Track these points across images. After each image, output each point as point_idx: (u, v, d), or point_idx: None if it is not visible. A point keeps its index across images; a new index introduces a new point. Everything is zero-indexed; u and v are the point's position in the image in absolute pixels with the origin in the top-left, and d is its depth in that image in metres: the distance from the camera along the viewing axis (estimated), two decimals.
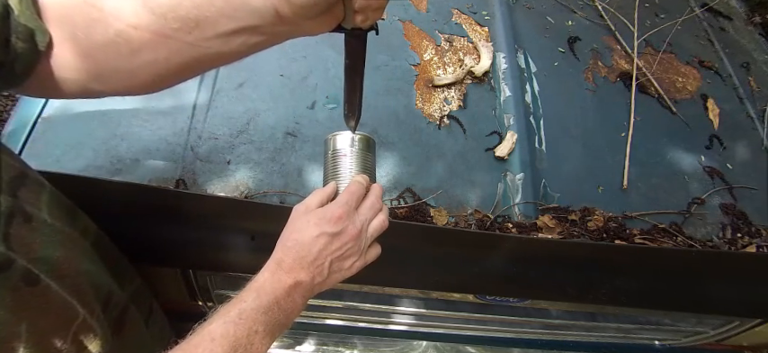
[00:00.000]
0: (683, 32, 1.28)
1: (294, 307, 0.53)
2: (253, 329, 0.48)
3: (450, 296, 1.06)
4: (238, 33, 0.45)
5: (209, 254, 0.76)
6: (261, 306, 0.50)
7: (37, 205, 0.49)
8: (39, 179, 0.52)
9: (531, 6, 1.24)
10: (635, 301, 0.92)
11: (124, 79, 0.48)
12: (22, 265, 0.44)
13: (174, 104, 0.87)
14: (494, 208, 0.88)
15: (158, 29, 0.44)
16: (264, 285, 0.52)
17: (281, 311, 0.51)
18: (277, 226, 0.57)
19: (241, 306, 0.49)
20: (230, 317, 0.47)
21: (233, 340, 0.46)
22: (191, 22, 0.44)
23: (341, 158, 0.64)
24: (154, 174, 0.79)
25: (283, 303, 0.52)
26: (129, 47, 0.45)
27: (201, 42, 0.45)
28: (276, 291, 0.52)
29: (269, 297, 0.51)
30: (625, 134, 1.04)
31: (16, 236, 0.44)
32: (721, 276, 0.87)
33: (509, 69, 1.06)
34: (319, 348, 1.17)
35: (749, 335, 1.11)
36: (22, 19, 0.42)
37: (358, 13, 0.44)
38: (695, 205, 0.95)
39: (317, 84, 0.96)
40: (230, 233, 0.74)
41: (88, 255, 0.56)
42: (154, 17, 0.44)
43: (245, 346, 0.46)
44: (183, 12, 0.43)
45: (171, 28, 0.44)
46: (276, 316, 0.51)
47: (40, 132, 0.80)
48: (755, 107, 1.18)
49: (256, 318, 0.49)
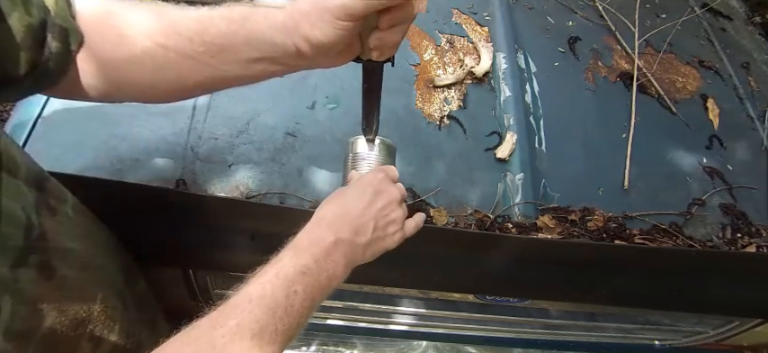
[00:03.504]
0: (683, 32, 1.28)
1: (335, 268, 0.50)
2: (291, 289, 0.45)
3: (450, 296, 1.06)
4: (259, 61, 0.47)
5: (209, 254, 0.76)
6: (299, 265, 0.47)
7: (62, 199, 0.50)
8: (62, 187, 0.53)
9: (531, 6, 1.24)
10: (635, 301, 0.92)
11: (143, 91, 0.50)
12: (40, 258, 0.44)
13: (174, 105, 0.86)
14: (494, 208, 0.88)
15: (183, 50, 0.46)
16: (302, 243, 0.50)
17: (321, 271, 0.48)
18: (277, 226, 0.57)
19: (278, 265, 0.47)
20: (267, 277, 0.45)
21: (271, 301, 0.43)
22: (215, 48, 0.46)
23: (360, 162, 0.65)
24: (154, 174, 0.79)
25: (323, 262, 0.49)
26: (154, 63, 0.47)
27: (223, 66, 0.47)
28: (315, 249, 0.49)
29: (307, 255, 0.48)
30: (625, 135, 1.04)
31: (42, 226, 0.44)
32: (721, 275, 0.87)
33: (509, 69, 1.06)
34: (319, 348, 1.17)
35: (749, 335, 1.11)
36: (58, 19, 0.43)
37: (374, 49, 0.47)
38: (696, 206, 0.95)
39: (317, 84, 0.96)
40: (230, 233, 0.75)
41: (106, 251, 0.57)
42: (180, 38, 0.46)
43: (285, 307, 0.44)
44: (209, 37, 0.45)
45: (196, 51, 0.46)
46: (316, 277, 0.48)
47: (40, 132, 0.80)
48: (755, 107, 1.18)
49: (295, 277, 0.46)
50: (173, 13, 0.47)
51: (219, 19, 0.46)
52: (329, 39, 0.43)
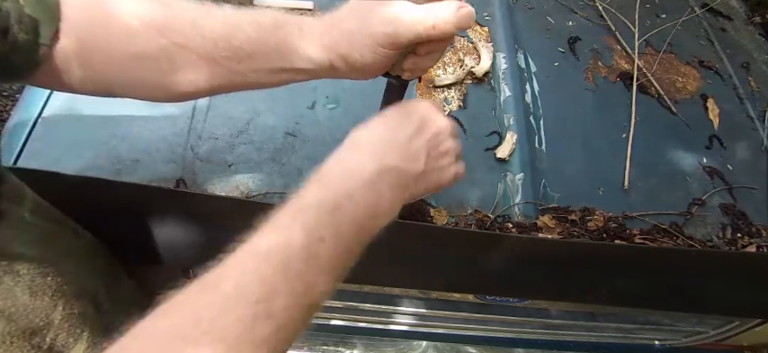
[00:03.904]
0: (683, 32, 1.28)
1: (379, 202, 0.38)
2: (314, 235, 0.35)
3: (450, 296, 1.06)
4: (287, 71, 0.45)
5: (209, 254, 0.76)
6: (326, 201, 0.36)
7: (17, 201, 0.45)
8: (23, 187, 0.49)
9: (531, 6, 1.24)
10: (635, 301, 0.92)
11: (155, 91, 0.46)
12: None
13: (174, 105, 0.87)
14: (494, 208, 0.88)
15: (206, 53, 0.43)
16: (332, 172, 0.39)
17: (357, 207, 0.37)
18: None
19: (298, 204, 0.37)
20: (283, 221, 0.36)
21: (285, 251, 0.34)
22: (242, 54, 0.43)
23: None
24: (154, 174, 0.79)
25: (362, 195, 0.37)
26: (171, 64, 0.43)
27: (248, 72, 0.44)
28: (351, 180, 0.38)
29: (339, 187, 0.37)
30: (625, 135, 1.04)
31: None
32: (721, 276, 0.87)
33: (509, 69, 1.06)
34: (319, 348, 1.17)
35: (749, 335, 1.11)
36: (29, 8, 0.39)
37: (406, 71, 0.47)
38: (696, 206, 0.95)
39: (317, 84, 0.96)
40: (230, 233, 0.74)
41: (75, 255, 0.53)
42: (203, 41, 0.42)
43: (305, 258, 0.34)
44: (237, 43, 0.43)
45: (220, 55, 0.43)
46: (352, 216, 0.36)
47: (39, 132, 0.80)
48: (755, 107, 1.18)
49: (319, 218, 0.35)
50: (193, 12, 0.44)
51: (248, 24, 0.43)
52: (368, 62, 0.42)
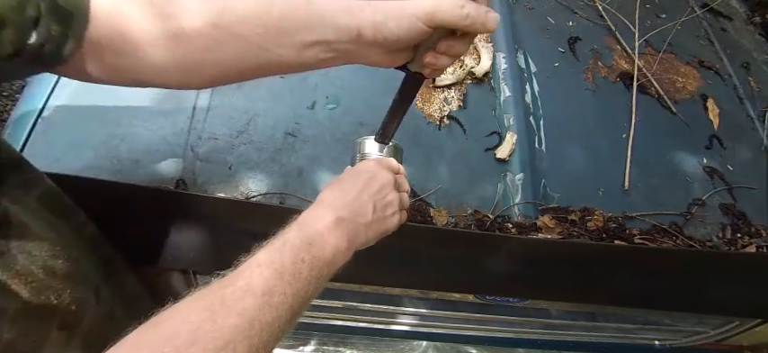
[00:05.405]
0: (683, 32, 1.28)
1: (339, 244, 0.50)
2: (298, 257, 0.46)
3: (450, 296, 1.06)
4: (314, 45, 0.45)
5: (209, 254, 0.76)
6: (306, 236, 0.48)
7: (26, 191, 0.48)
8: (36, 176, 0.51)
9: (531, 6, 1.24)
10: (635, 301, 0.92)
11: (185, 75, 0.47)
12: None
13: (174, 105, 0.87)
14: (494, 208, 0.88)
15: (239, 30, 0.44)
16: (306, 219, 0.50)
17: (325, 244, 0.49)
18: (277, 226, 0.57)
19: (284, 237, 0.48)
20: (275, 246, 0.46)
21: (278, 266, 0.44)
22: (273, 29, 0.44)
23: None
24: (154, 174, 0.79)
25: (327, 237, 0.49)
26: (205, 43, 0.44)
27: (276, 48, 0.45)
28: (319, 224, 0.50)
29: (312, 229, 0.49)
30: (625, 135, 1.04)
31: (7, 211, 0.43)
32: (721, 275, 0.87)
33: (509, 69, 1.06)
34: (319, 348, 1.17)
35: (749, 335, 1.11)
36: (62, 1, 0.40)
37: (426, 65, 0.48)
38: (696, 206, 0.95)
39: (317, 84, 0.96)
40: (230, 233, 0.74)
41: (78, 246, 0.55)
42: (234, 17, 0.44)
43: (292, 272, 0.44)
44: (267, 18, 0.44)
45: (254, 32, 0.44)
46: (321, 249, 0.48)
47: (39, 132, 0.80)
48: (755, 107, 1.18)
49: (301, 246, 0.47)
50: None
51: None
52: (397, 36, 0.43)
